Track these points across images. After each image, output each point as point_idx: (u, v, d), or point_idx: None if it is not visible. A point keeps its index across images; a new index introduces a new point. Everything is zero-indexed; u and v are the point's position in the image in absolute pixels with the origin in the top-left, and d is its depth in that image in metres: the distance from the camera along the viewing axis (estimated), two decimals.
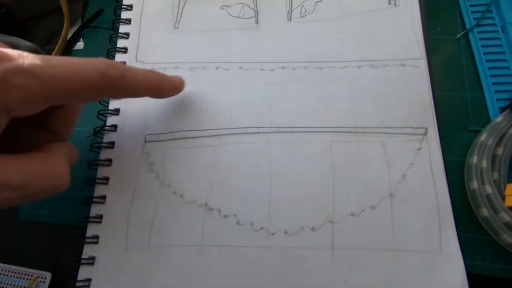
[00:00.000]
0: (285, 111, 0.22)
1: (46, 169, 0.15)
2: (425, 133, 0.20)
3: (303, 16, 0.24)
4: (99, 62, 0.15)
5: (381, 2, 0.24)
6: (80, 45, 0.28)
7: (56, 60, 0.14)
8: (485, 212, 0.18)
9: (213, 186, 0.20)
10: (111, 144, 0.22)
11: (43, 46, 0.28)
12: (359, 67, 0.22)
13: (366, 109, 0.21)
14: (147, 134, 0.22)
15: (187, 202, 0.20)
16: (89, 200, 0.20)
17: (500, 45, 0.23)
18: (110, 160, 0.21)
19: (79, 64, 0.14)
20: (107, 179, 0.21)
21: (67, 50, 0.27)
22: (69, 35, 0.28)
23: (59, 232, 0.22)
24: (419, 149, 0.20)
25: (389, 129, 0.21)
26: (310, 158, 0.20)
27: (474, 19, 0.24)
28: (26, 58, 0.13)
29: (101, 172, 0.21)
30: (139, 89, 0.17)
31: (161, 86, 0.19)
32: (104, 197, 0.20)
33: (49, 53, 0.27)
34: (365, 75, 0.22)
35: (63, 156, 0.16)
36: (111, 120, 0.22)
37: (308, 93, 0.22)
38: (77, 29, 0.28)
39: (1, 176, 0.13)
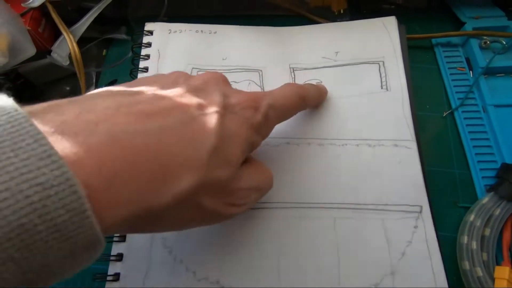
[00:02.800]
0: (290, 187, 0.23)
1: (267, 173, 0.20)
2: (420, 211, 0.22)
3: None
4: (295, 88, 0.21)
5: (374, 86, 0.26)
6: None
7: (276, 93, 0.19)
8: None
9: (224, 263, 0.21)
10: None
11: None
12: (357, 145, 0.24)
13: (366, 186, 0.23)
14: None
15: (199, 280, 0.21)
16: (102, 276, 0.21)
17: (483, 125, 0.26)
18: (124, 236, 0.22)
19: (286, 92, 0.20)
20: (121, 255, 0.22)
21: None
22: None
23: None
24: (415, 226, 0.22)
25: (387, 206, 0.22)
26: (316, 234, 0.22)
27: (459, 99, 0.27)
28: (266, 96, 0.18)
29: (116, 248, 0.22)
30: (313, 100, 0.24)
31: (322, 95, 0.25)
32: (118, 274, 0.21)
33: None
34: (363, 153, 0.24)
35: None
36: None
37: (311, 169, 0.24)
38: None
39: (255, 182, 0.18)
